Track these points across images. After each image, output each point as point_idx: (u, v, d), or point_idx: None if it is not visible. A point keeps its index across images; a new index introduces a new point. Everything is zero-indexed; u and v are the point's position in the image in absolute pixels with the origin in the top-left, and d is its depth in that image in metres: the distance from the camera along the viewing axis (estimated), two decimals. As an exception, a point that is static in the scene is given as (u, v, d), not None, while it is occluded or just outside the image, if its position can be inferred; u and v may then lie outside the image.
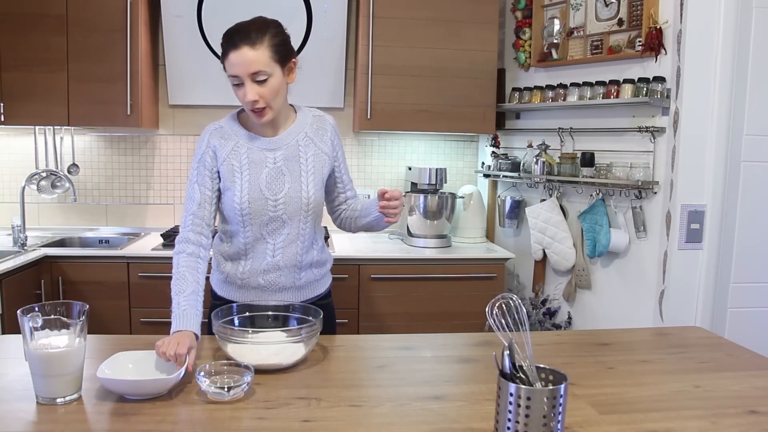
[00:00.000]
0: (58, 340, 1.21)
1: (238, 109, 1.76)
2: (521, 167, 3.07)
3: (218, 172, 1.69)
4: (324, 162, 1.76)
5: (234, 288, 1.77)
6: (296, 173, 1.70)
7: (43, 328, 1.22)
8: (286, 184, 1.68)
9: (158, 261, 2.75)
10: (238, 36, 1.54)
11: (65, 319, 1.24)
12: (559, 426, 1.03)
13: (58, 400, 1.20)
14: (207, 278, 1.84)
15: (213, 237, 1.80)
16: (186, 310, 1.51)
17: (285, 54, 1.61)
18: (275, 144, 1.70)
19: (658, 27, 2.43)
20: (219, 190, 1.70)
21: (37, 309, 1.26)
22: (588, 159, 2.68)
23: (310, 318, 1.51)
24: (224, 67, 1.60)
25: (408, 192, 3.22)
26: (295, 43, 3.18)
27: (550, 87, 2.96)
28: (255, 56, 1.54)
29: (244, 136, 1.70)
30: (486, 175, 3.39)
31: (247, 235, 1.69)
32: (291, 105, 1.77)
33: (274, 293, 1.74)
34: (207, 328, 1.80)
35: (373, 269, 2.87)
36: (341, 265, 2.83)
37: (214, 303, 1.82)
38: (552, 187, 2.91)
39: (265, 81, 1.57)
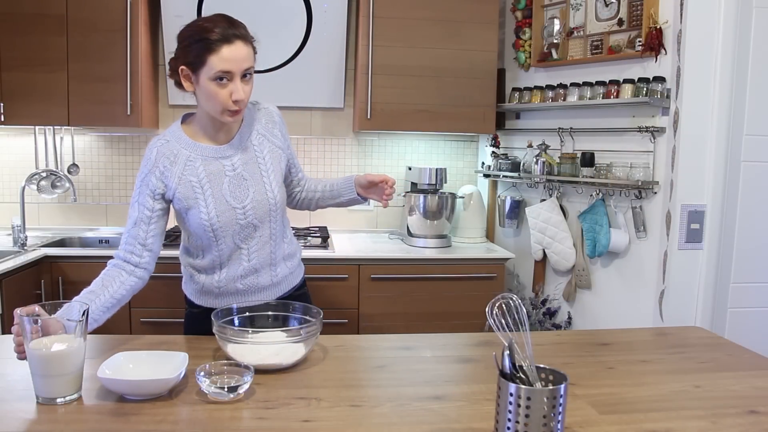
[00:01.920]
0: (57, 340, 1.21)
1: (180, 118, 1.68)
2: (521, 167, 3.07)
3: (163, 196, 1.60)
4: (280, 157, 1.72)
5: (211, 297, 1.72)
6: (257, 176, 1.65)
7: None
8: (250, 189, 1.63)
9: (158, 262, 2.74)
10: (225, 30, 1.47)
11: (65, 319, 1.24)
12: (559, 426, 1.03)
13: (59, 400, 1.20)
14: (187, 289, 1.80)
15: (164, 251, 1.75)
16: (84, 292, 1.51)
17: (255, 55, 1.57)
18: (230, 150, 1.63)
19: (658, 27, 2.43)
20: (161, 210, 1.62)
21: (37, 309, 1.26)
22: (588, 159, 2.68)
23: (310, 318, 1.51)
24: (197, 65, 1.48)
25: (408, 192, 3.23)
26: (295, 43, 3.22)
27: (550, 87, 2.96)
28: (248, 52, 1.51)
29: (194, 147, 1.61)
30: (486, 175, 3.38)
31: (221, 248, 1.64)
32: None
33: (252, 294, 1.72)
34: (183, 328, 1.79)
35: (373, 269, 2.87)
36: (341, 265, 2.83)
37: (190, 311, 1.79)
38: (552, 187, 2.91)
39: (250, 79, 1.54)
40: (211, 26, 1.47)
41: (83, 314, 1.24)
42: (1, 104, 2.88)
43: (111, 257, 1.62)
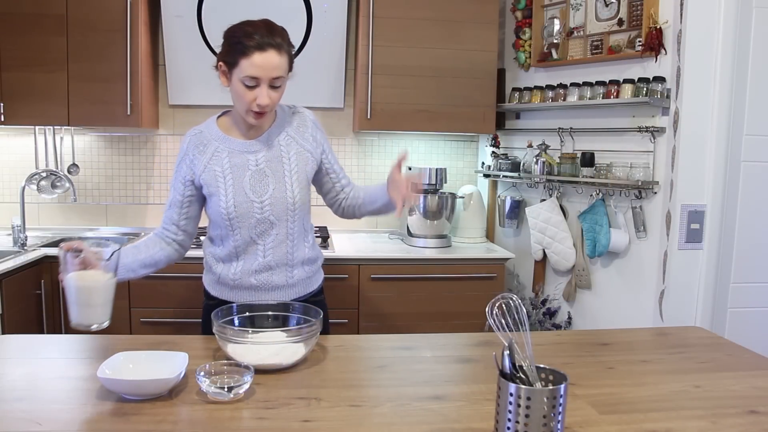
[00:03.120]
0: (91, 274, 1.36)
1: (217, 114, 1.77)
2: (521, 167, 3.07)
3: (192, 182, 1.70)
4: (307, 160, 1.76)
5: (227, 288, 1.77)
6: (280, 174, 1.70)
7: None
8: (270, 185, 1.68)
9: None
10: (263, 37, 1.54)
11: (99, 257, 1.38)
12: (559, 426, 1.03)
13: (93, 327, 1.37)
14: (199, 278, 1.86)
15: (197, 236, 1.84)
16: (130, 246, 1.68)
17: (292, 62, 1.65)
18: (256, 146, 1.70)
19: (658, 27, 2.43)
20: (193, 196, 1.72)
21: (76, 245, 1.39)
22: (588, 159, 2.68)
23: (310, 318, 1.51)
24: (230, 64, 1.58)
25: (408, 192, 3.22)
26: (295, 43, 3.17)
27: (550, 87, 2.96)
28: (280, 62, 1.57)
29: (224, 140, 1.70)
30: (486, 175, 3.38)
31: (237, 238, 1.70)
32: None
33: (267, 292, 1.75)
34: (202, 329, 1.80)
35: (373, 269, 2.87)
36: (341, 265, 2.83)
37: (207, 303, 1.81)
38: (552, 187, 2.91)
39: (278, 87, 1.60)
40: (251, 31, 1.55)
41: (111, 255, 1.38)
42: (1, 104, 2.88)
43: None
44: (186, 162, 1.70)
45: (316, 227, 3.28)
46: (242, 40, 1.55)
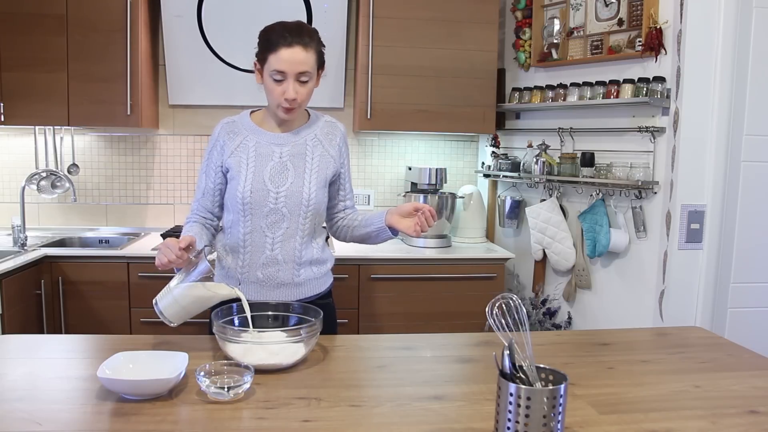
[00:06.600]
0: (215, 287, 1.48)
1: (251, 109, 1.84)
2: (521, 167, 3.07)
3: (221, 166, 1.75)
4: (329, 164, 1.79)
5: (234, 283, 1.78)
6: (300, 169, 1.74)
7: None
8: (289, 178, 1.73)
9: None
10: (290, 35, 1.62)
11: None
12: (559, 426, 1.03)
13: (174, 324, 1.50)
14: (216, 275, 1.86)
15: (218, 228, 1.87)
16: (188, 231, 1.68)
17: (322, 62, 1.72)
18: (284, 140, 1.76)
19: (658, 27, 2.43)
20: (223, 183, 1.77)
21: (202, 248, 1.54)
22: (588, 159, 2.68)
23: (310, 318, 1.51)
24: (261, 60, 1.66)
25: (408, 192, 3.22)
26: (295, 43, 3.19)
27: (550, 87, 2.96)
28: (305, 58, 1.63)
29: (255, 130, 1.77)
30: (486, 175, 3.38)
31: (247, 225, 1.73)
32: (305, 108, 1.83)
33: (272, 289, 1.76)
34: (208, 328, 1.81)
35: (373, 269, 2.87)
36: (341, 265, 2.83)
37: None
38: (552, 187, 2.91)
39: (306, 82, 1.66)
40: (281, 29, 1.64)
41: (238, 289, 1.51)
42: (1, 104, 2.88)
43: (111, 257, 1.64)
44: (217, 148, 1.76)
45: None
46: (271, 37, 1.64)
